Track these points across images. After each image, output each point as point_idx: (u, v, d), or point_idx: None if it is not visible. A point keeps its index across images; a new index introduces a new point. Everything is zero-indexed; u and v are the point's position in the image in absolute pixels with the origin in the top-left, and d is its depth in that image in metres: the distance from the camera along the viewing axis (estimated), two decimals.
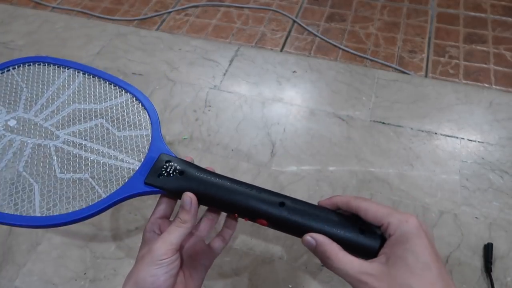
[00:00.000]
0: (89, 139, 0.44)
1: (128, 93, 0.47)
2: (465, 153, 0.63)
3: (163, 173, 0.37)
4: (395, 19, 0.91)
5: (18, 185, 0.40)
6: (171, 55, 0.81)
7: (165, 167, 0.38)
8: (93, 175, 0.41)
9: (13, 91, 0.47)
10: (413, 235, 0.30)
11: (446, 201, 0.57)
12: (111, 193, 0.37)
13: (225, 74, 0.77)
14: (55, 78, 0.48)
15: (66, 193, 0.39)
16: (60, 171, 0.41)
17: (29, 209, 0.38)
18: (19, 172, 0.41)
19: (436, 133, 0.65)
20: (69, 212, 0.36)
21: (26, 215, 0.37)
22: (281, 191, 0.37)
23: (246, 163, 0.63)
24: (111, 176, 0.40)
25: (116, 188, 0.38)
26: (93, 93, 0.47)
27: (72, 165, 0.42)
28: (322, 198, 0.37)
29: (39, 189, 0.40)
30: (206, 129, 0.68)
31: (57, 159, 0.42)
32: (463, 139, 0.64)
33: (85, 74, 0.48)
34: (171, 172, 0.37)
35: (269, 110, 0.70)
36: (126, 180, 0.38)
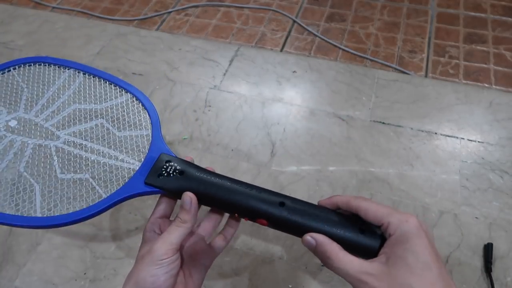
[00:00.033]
0: (90, 139, 0.44)
1: (128, 93, 0.47)
2: (465, 153, 0.63)
3: (163, 173, 0.37)
4: (395, 19, 0.91)
5: (19, 185, 0.40)
6: (171, 55, 0.81)
7: (165, 167, 0.38)
8: (94, 175, 0.41)
9: (14, 91, 0.47)
10: (413, 235, 0.30)
11: (446, 201, 0.57)
12: (111, 193, 0.37)
13: (225, 74, 0.77)
14: (55, 78, 0.48)
15: (66, 194, 0.39)
16: (60, 171, 0.41)
17: (30, 209, 0.38)
18: (20, 172, 0.41)
19: (436, 133, 0.65)
20: (70, 212, 0.36)
21: (27, 216, 0.37)
22: (281, 191, 0.37)
23: (246, 163, 0.63)
24: (112, 176, 0.40)
25: (116, 188, 0.38)
26: (93, 93, 0.47)
27: (72, 165, 0.42)
28: (322, 198, 0.37)
29: (40, 190, 0.40)
30: (206, 129, 0.68)
31: (58, 159, 0.42)
32: (463, 139, 0.64)
33: (85, 74, 0.48)
34: (171, 172, 0.37)
35: (269, 110, 0.70)
36: (126, 180, 0.38)
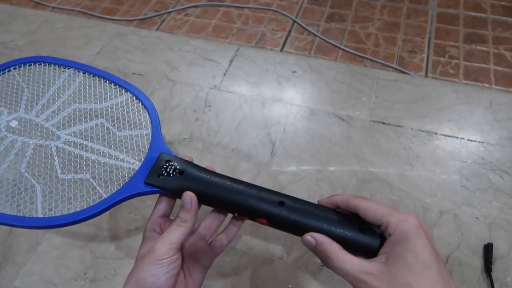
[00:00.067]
0: (90, 139, 0.44)
1: (128, 92, 0.47)
2: (465, 153, 0.63)
3: (163, 172, 0.38)
4: (395, 19, 0.91)
5: (20, 186, 0.40)
6: (171, 55, 0.81)
7: (165, 167, 0.38)
8: (94, 175, 0.41)
9: (14, 91, 0.47)
10: (413, 234, 0.30)
11: (446, 201, 0.57)
12: (112, 193, 0.37)
13: (225, 74, 0.77)
14: (55, 77, 0.48)
15: (67, 194, 0.39)
16: (61, 171, 0.41)
17: (32, 210, 0.38)
18: (21, 173, 0.41)
19: (436, 133, 0.65)
20: (71, 212, 0.36)
21: (28, 216, 0.37)
22: (281, 191, 0.37)
23: (246, 163, 0.63)
24: (112, 176, 0.40)
25: (117, 188, 0.38)
26: (93, 92, 0.47)
27: (73, 165, 0.42)
28: (322, 198, 0.37)
29: (41, 190, 0.40)
30: (206, 129, 0.68)
31: (59, 159, 0.42)
32: (463, 139, 0.64)
33: (85, 73, 0.48)
34: (171, 171, 0.37)
35: (269, 110, 0.70)
36: (126, 180, 0.38)
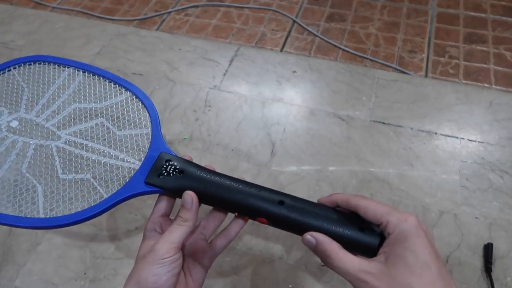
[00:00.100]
0: (90, 138, 0.44)
1: (128, 91, 0.46)
2: (465, 153, 0.63)
3: (163, 172, 0.38)
4: (395, 19, 0.91)
5: (21, 186, 0.40)
6: (171, 55, 0.81)
7: (165, 166, 0.38)
8: (95, 175, 0.41)
9: (15, 91, 0.47)
10: (412, 234, 0.30)
11: (446, 201, 0.57)
12: (112, 193, 0.37)
13: (225, 74, 0.77)
14: (55, 77, 0.48)
15: (68, 194, 0.39)
16: (62, 171, 0.41)
17: (33, 210, 0.38)
18: (23, 173, 0.41)
19: (436, 133, 0.65)
20: (72, 213, 0.36)
21: (30, 217, 0.37)
22: (281, 191, 0.37)
23: (246, 163, 0.63)
24: (112, 176, 0.40)
25: (117, 188, 0.38)
26: (93, 91, 0.47)
27: (74, 165, 0.42)
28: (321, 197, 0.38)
29: (42, 190, 0.40)
30: (206, 129, 0.68)
31: (59, 159, 0.42)
32: (463, 139, 0.64)
33: (85, 72, 0.48)
34: (171, 171, 0.37)
35: (269, 110, 0.70)
36: (127, 179, 0.38)
